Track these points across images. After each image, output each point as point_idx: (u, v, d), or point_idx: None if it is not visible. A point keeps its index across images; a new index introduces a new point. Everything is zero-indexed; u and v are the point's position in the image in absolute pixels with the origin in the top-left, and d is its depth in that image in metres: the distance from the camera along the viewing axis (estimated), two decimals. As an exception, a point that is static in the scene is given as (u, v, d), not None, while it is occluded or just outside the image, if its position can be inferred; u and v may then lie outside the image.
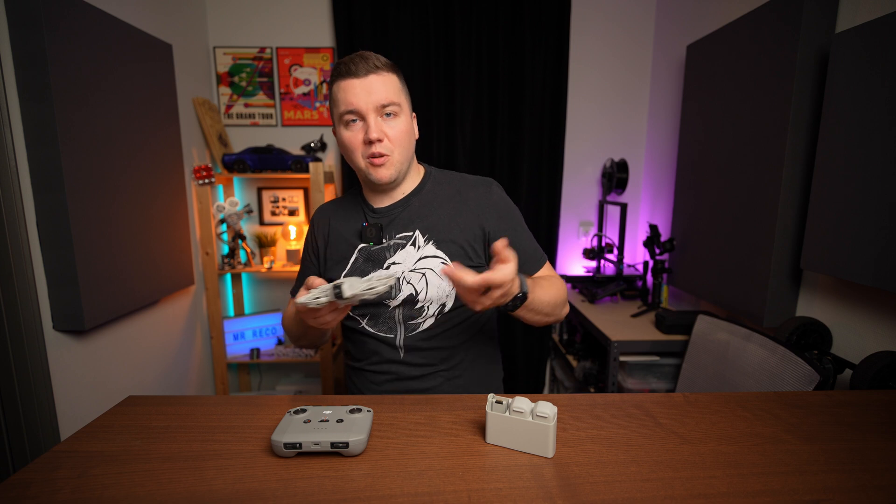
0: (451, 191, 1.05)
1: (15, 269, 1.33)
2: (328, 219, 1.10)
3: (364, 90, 0.91)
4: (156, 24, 1.94)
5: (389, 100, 0.93)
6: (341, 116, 0.95)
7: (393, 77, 0.95)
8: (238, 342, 2.53)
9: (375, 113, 0.93)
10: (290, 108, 2.53)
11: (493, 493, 0.61)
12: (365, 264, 1.02)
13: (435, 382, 1.03)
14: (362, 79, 0.92)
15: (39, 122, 1.35)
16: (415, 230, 1.01)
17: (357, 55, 0.94)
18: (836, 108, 1.33)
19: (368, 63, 0.92)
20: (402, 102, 0.96)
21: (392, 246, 1.01)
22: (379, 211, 1.04)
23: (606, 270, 2.52)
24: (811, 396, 0.92)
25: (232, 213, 2.37)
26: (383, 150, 0.94)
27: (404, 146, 0.97)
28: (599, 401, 0.88)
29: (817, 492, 0.62)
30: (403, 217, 1.03)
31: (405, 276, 0.99)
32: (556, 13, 2.42)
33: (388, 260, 1.01)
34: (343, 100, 0.93)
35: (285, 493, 0.61)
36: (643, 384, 1.94)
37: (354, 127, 0.95)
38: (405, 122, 0.97)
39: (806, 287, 1.56)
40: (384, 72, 0.94)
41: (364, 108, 0.92)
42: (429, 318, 1.01)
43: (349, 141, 0.95)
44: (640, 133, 2.65)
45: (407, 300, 1.00)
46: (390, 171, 0.96)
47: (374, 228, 1.02)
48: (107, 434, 0.77)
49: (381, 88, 0.92)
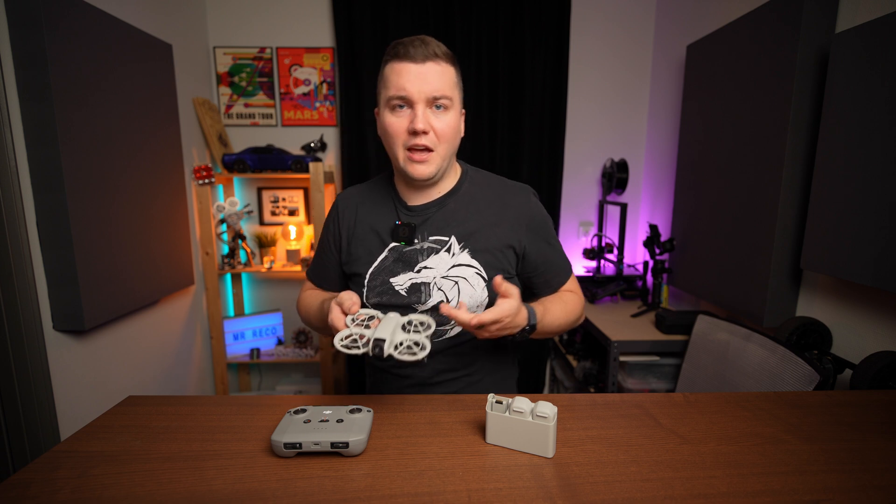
0: (490, 196, 1.00)
1: (15, 269, 1.33)
2: (356, 207, 1.04)
3: (419, 77, 0.86)
4: (156, 24, 1.94)
5: (443, 92, 0.87)
6: (389, 100, 0.89)
7: (451, 69, 0.90)
8: (238, 342, 2.53)
9: (425, 103, 0.87)
10: (290, 108, 2.53)
11: (493, 493, 0.61)
12: (394, 264, 0.98)
13: (458, 387, 1.02)
14: (419, 65, 0.86)
15: (39, 122, 1.35)
16: (450, 235, 0.97)
17: (417, 38, 0.88)
18: (836, 108, 1.33)
19: (428, 49, 0.86)
20: (454, 97, 0.90)
21: (425, 249, 0.97)
22: (413, 209, 0.99)
23: (606, 270, 2.52)
24: (811, 396, 0.92)
25: (232, 213, 2.37)
26: (427, 144, 0.89)
27: (449, 143, 0.92)
28: (599, 401, 0.88)
29: (817, 492, 0.62)
30: (438, 218, 0.98)
31: (437, 283, 0.96)
32: (556, 13, 2.42)
33: (420, 263, 0.97)
34: (394, 83, 0.87)
35: (285, 493, 0.61)
36: (643, 384, 1.94)
37: (401, 113, 0.89)
38: (454, 118, 0.91)
39: (806, 287, 1.56)
40: (443, 61, 0.88)
41: (415, 95, 0.86)
42: (457, 327, 0.98)
43: (392, 126, 0.90)
44: (640, 133, 2.65)
45: (436, 306, 0.96)
46: (430, 168, 0.91)
47: (406, 228, 0.96)
48: (107, 434, 0.76)
49: (437, 78, 0.87)
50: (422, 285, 0.96)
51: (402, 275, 0.97)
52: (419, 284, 0.96)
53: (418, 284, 0.96)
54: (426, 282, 0.96)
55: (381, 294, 0.98)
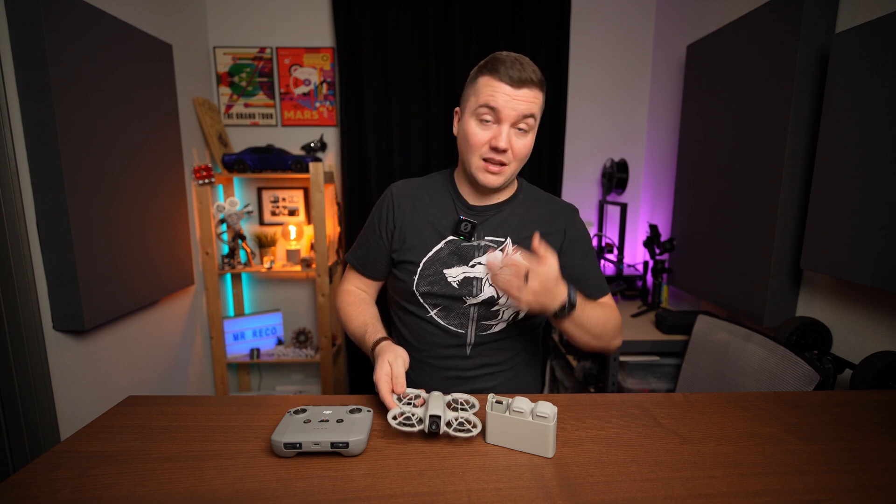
0: (542, 211, 1.06)
1: (15, 269, 1.33)
2: (412, 198, 1.07)
3: (513, 98, 0.90)
4: (156, 24, 1.94)
5: (529, 116, 0.92)
6: (477, 109, 0.93)
7: (541, 95, 0.94)
8: (238, 342, 2.53)
9: (511, 124, 0.92)
10: (290, 108, 2.52)
11: (493, 493, 0.61)
12: (449, 257, 1.01)
13: (496, 382, 1.06)
14: (515, 89, 0.90)
15: (39, 122, 1.35)
16: (506, 237, 1.02)
17: (517, 59, 0.91)
18: (836, 108, 1.33)
19: (525, 73, 0.90)
20: (536, 122, 0.95)
21: (482, 246, 1.01)
22: (474, 209, 1.03)
23: (606, 270, 2.52)
24: (811, 396, 0.92)
25: (232, 213, 2.37)
26: (504, 160, 0.94)
27: (523, 161, 0.98)
28: (599, 401, 0.88)
29: (817, 492, 0.62)
30: (495, 220, 1.03)
31: (489, 279, 0.98)
32: (556, 13, 2.41)
33: (475, 259, 1.01)
34: (488, 97, 0.91)
35: (285, 493, 0.61)
36: (643, 384, 1.94)
37: (486, 126, 0.93)
38: (532, 140, 0.97)
39: (806, 287, 1.56)
40: (536, 89, 0.92)
41: (505, 115, 0.91)
42: (501, 322, 1.03)
43: (475, 136, 0.94)
44: (640, 133, 2.65)
45: (486, 301, 1.00)
46: (500, 179, 0.96)
47: (469, 224, 1.00)
48: (107, 434, 0.77)
49: (528, 104, 0.91)
50: (474, 279, 1.00)
51: (456, 267, 1.01)
52: (471, 279, 1.01)
53: (471, 278, 1.01)
54: (479, 276, 1.00)
55: (432, 283, 1.01)
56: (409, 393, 0.82)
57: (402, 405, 0.78)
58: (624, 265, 2.42)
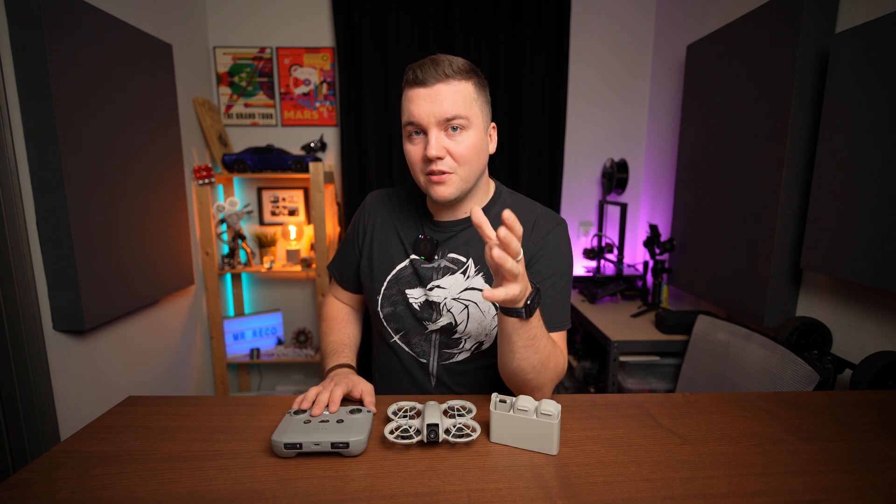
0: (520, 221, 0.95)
1: (15, 269, 1.33)
2: (385, 210, 1.02)
3: (428, 101, 0.82)
4: (156, 24, 1.94)
5: (455, 112, 0.83)
6: (405, 128, 0.87)
7: (465, 85, 0.84)
8: (238, 342, 2.53)
9: (438, 127, 0.83)
10: (290, 108, 2.53)
11: (493, 493, 0.61)
12: (412, 277, 0.96)
13: None
14: (428, 89, 0.82)
15: (39, 122, 1.35)
16: (469, 257, 0.94)
17: (428, 60, 0.84)
18: (836, 108, 1.33)
19: (438, 70, 0.82)
20: (471, 115, 0.85)
21: (441, 268, 0.95)
22: (439, 225, 0.97)
23: (606, 270, 2.52)
24: (811, 396, 0.92)
25: (232, 213, 2.37)
26: (444, 168, 0.85)
27: (471, 164, 0.87)
28: (599, 401, 0.88)
29: (817, 492, 0.62)
30: (462, 237, 0.95)
31: (447, 304, 0.94)
32: (556, 13, 2.42)
33: (434, 282, 0.94)
34: (406, 110, 0.86)
35: (285, 493, 0.61)
36: (643, 384, 1.94)
37: (417, 140, 0.87)
38: (474, 137, 0.86)
39: (806, 287, 1.56)
40: (454, 80, 0.83)
41: (425, 121, 0.83)
42: (464, 352, 0.97)
43: (410, 154, 0.88)
44: (639, 133, 2.65)
45: (445, 328, 0.95)
46: (451, 189, 0.87)
47: (428, 243, 0.94)
48: (107, 434, 0.76)
49: (448, 100, 0.82)
50: (433, 304, 0.95)
51: (418, 288, 0.96)
52: (431, 302, 0.95)
53: (430, 302, 0.95)
54: (437, 301, 0.94)
55: (395, 304, 0.97)
56: (405, 406, 0.81)
57: (398, 419, 0.77)
58: (624, 265, 2.42)
